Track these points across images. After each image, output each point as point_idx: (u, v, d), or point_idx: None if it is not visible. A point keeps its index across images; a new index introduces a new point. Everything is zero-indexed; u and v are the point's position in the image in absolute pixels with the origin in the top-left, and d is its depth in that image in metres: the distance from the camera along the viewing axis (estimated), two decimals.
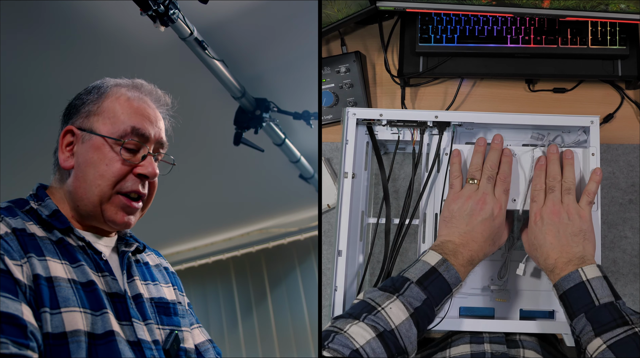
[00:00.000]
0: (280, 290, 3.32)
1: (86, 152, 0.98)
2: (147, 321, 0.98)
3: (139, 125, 0.99)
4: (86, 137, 0.99)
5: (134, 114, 1.00)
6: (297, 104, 2.20)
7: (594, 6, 1.29)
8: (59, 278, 0.89)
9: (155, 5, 1.48)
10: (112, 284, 0.96)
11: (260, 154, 2.27)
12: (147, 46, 1.85)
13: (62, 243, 0.94)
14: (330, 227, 1.39)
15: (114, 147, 0.97)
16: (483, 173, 1.16)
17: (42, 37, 1.77)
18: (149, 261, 1.12)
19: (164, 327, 1.02)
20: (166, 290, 1.09)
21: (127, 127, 0.98)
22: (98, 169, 0.97)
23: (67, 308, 0.87)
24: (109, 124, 0.98)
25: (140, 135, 0.99)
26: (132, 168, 0.98)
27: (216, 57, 1.83)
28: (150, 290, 1.05)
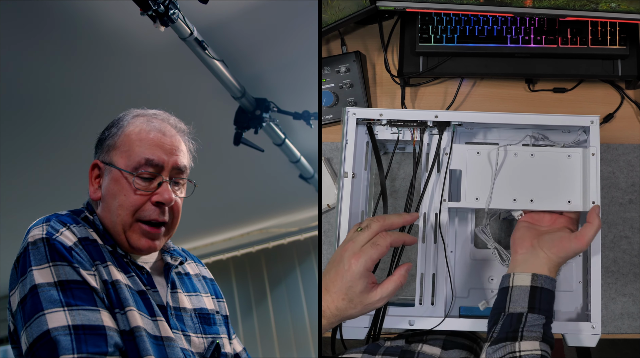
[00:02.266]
0: (280, 290, 3.32)
1: (108, 185, 1.04)
2: (185, 333, 1.03)
3: (152, 156, 1.03)
4: (108, 170, 1.05)
5: (147, 146, 1.04)
6: (297, 104, 2.20)
7: (583, 5, 1.29)
8: (120, 282, 0.96)
9: (155, 5, 1.48)
10: (154, 296, 1.02)
11: (260, 154, 2.28)
12: (147, 46, 1.85)
13: (115, 255, 1.01)
14: (330, 227, 1.39)
15: (130, 179, 1.02)
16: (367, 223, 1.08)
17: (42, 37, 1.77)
18: (190, 271, 1.17)
19: (206, 336, 1.08)
20: (206, 300, 1.14)
21: (140, 158, 1.03)
22: (118, 200, 1.02)
23: (128, 308, 0.94)
24: (125, 157, 1.04)
25: (154, 165, 1.03)
26: (149, 197, 1.03)
27: (216, 57, 1.83)
28: (192, 302, 1.10)
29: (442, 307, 1.22)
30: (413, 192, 1.24)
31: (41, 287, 0.89)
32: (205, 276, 1.21)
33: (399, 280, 1.06)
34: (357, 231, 1.07)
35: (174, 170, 1.06)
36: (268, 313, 3.30)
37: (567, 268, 1.25)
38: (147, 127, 1.06)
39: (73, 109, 2.14)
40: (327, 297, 1.05)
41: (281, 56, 2.01)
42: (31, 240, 0.93)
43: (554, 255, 1.10)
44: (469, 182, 1.22)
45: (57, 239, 0.93)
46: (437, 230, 1.24)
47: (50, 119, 2.19)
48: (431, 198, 1.25)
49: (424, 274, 1.24)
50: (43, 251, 0.92)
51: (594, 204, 1.16)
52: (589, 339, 1.16)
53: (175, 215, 1.07)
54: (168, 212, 1.05)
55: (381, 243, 1.05)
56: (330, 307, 1.05)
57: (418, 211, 1.24)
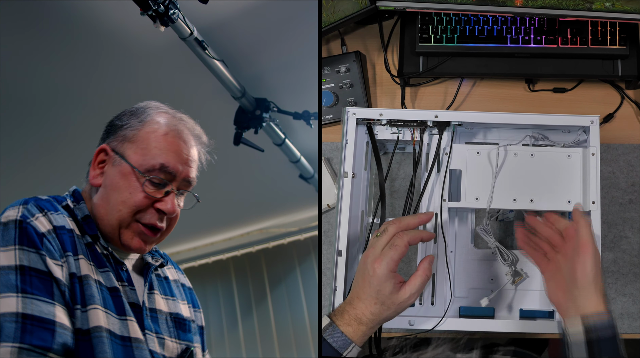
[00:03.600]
0: (280, 290, 3.32)
1: (114, 176, 1.00)
2: (159, 335, 1.00)
3: (168, 163, 1.01)
4: (117, 161, 1.01)
5: (166, 151, 1.01)
6: (297, 104, 2.20)
7: (577, 4, 1.29)
8: (89, 277, 0.92)
9: (155, 5, 1.48)
10: (130, 294, 0.99)
11: (260, 154, 2.27)
12: (147, 46, 1.85)
13: (91, 247, 0.97)
14: (330, 227, 1.39)
15: (139, 178, 0.99)
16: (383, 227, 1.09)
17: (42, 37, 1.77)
18: (169, 276, 1.14)
19: (180, 342, 1.05)
20: (182, 307, 1.12)
21: (156, 162, 1.00)
22: (121, 195, 0.99)
23: (91, 306, 0.90)
24: (140, 155, 1.00)
25: (168, 172, 1.01)
26: (153, 201, 1.00)
27: (216, 57, 1.83)
28: (169, 305, 1.08)
29: (442, 307, 1.22)
30: (413, 192, 1.24)
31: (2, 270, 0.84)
32: (184, 284, 1.19)
33: (425, 274, 1.08)
34: (376, 237, 1.08)
35: (183, 182, 1.04)
36: (268, 313, 3.30)
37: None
38: (170, 130, 1.03)
39: (73, 108, 2.14)
40: (360, 304, 1.05)
41: (281, 56, 2.01)
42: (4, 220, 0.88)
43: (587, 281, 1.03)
44: (469, 182, 1.22)
45: (31, 223, 0.88)
46: (437, 230, 1.24)
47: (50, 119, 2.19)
48: (431, 198, 1.25)
49: None
50: (13, 233, 0.87)
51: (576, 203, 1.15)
52: None
53: (171, 224, 1.05)
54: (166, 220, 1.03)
55: (399, 243, 1.06)
56: (366, 313, 1.05)
57: (418, 211, 1.24)
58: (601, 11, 1.29)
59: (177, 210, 1.03)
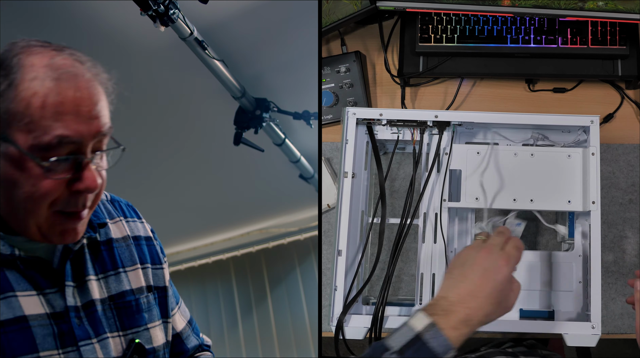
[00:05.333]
0: (280, 290, 3.32)
1: (5, 167, 0.75)
2: (100, 336, 0.84)
3: (67, 131, 0.74)
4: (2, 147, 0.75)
5: (57, 114, 0.74)
6: (297, 104, 2.20)
7: (569, 4, 1.28)
8: None
9: (155, 5, 1.48)
10: (54, 302, 0.81)
11: (260, 154, 2.27)
12: (147, 46, 1.85)
13: None
14: (330, 227, 1.39)
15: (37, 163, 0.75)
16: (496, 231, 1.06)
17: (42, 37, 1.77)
18: (114, 234, 0.92)
19: (126, 333, 0.88)
20: (131, 276, 0.91)
21: (51, 137, 0.74)
22: (22, 189, 0.75)
23: None
24: (26, 133, 0.74)
25: (71, 142, 0.75)
26: (66, 182, 0.77)
27: (216, 57, 1.83)
28: (109, 286, 0.88)
29: None
30: (413, 192, 1.24)
31: None
32: (138, 236, 0.95)
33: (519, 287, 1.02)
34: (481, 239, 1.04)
35: (97, 141, 0.78)
36: (268, 313, 3.30)
37: (567, 268, 1.25)
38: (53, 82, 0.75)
39: None
40: (473, 303, 0.95)
41: (281, 56, 2.01)
42: None
43: None
44: (469, 182, 1.22)
45: None
46: (437, 230, 1.24)
47: None
48: (431, 198, 1.25)
49: (424, 274, 1.24)
50: None
51: None
52: (589, 339, 1.16)
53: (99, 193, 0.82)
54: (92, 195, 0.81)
55: (520, 246, 1.02)
56: (479, 314, 0.95)
57: (418, 211, 1.24)
58: (599, 11, 1.29)
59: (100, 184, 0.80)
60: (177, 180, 2.62)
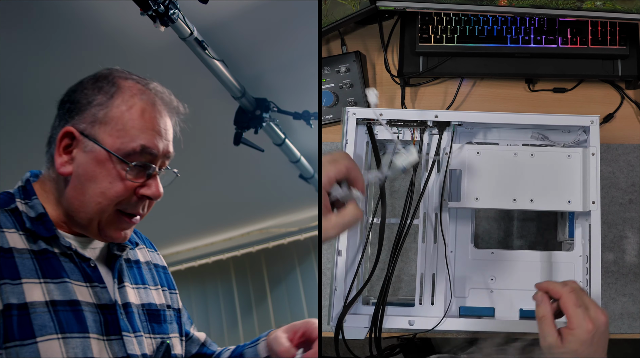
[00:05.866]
0: (280, 290, 3.32)
1: (88, 164, 0.89)
2: (136, 333, 0.93)
3: (149, 143, 0.90)
4: (89, 146, 0.89)
5: (145, 129, 0.90)
6: (297, 104, 2.20)
7: (566, 3, 1.29)
8: (36, 304, 0.82)
9: (155, 5, 1.48)
10: (101, 295, 0.90)
11: (260, 154, 2.27)
12: (147, 46, 1.85)
13: (45, 255, 0.87)
14: None
15: (118, 164, 0.88)
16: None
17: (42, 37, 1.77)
18: (140, 257, 1.05)
19: (155, 336, 0.97)
20: (154, 294, 1.03)
21: (136, 145, 0.89)
22: (100, 186, 0.88)
23: (43, 338, 0.81)
24: (116, 138, 0.89)
25: (149, 154, 0.90)
26: (135, 187, 0.90)
27: (216, 57, 1.83)
28: (140, 295, 0.99)
29: (442, 307, 1.22)
30: (413, 192, 1.24)
31: None
32: (157, 264, 1.08)
33: None
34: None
35: (164, 159, 0.94)
36: (268, 313, 3.30)
37: (567, 268, 1.25)
38: (146, 105, 0.91)
39: None
40: None
41: (281, 56, 2.01)
42: None
43: None
44: (469, 182, 1.22)
45: None
46: (437, 230, 1.24)
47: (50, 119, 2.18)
48: (431, 198, 1.25)
49: (423, 274, 1.24)
50: None
51: None
52: None
53: (152, 204, 0.95)
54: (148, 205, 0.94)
55: None
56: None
57: (418, 211, 1.24)
58: (597, 10, 1.29)
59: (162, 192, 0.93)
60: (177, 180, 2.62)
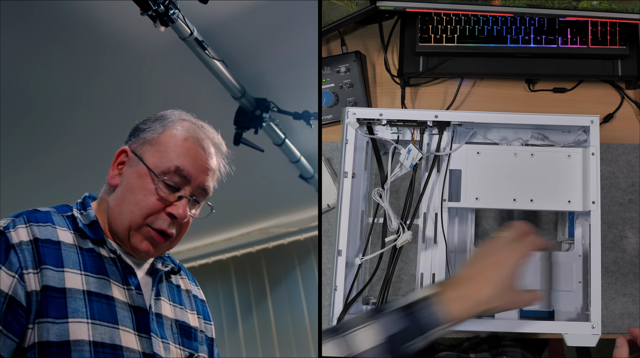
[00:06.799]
0: (280, 290, 3.32)
1: (130, 177, 1.01)
2: (164, 340, 1.01)
3: (183, 166, 1.01)
4: (135, 162, 1.02)
5: (183, 155, 1.01)
6: (297, 104, 2.20)
7: (562, 3, 1.28)
8: (73, 290, 0.92)
9: (155, 5, 1.48)
10: (136, 298, 0.99)
11: (260, 154, 2.28)
12: (147, 46, 1.85)
13: (91, 253, 0.98)
14: (330, 227, 1.39)
15: (155, 180, 1.00)
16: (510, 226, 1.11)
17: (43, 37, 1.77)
18: (181, 285, 1.14)
19: (184, 349, 1.05)
20: (190, 316, 1.11)
21: (171, 165, 1.00)
22: (135, 196, 1.00)
23: (74, 319, 0.90)
24: (157, 157, 1.01)
25: (182, 176, 1.01)
26: (165, 205, 1.00)
27: (216, 57, 1.83)
28: (176, 312, 1.08)
29: None
30: (413, 192, 1.24)
31: None
32: (196, 296, 1.18)
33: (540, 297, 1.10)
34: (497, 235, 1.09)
35: (198, 189, 1.04)
36: (268, 313, 3.30)
37: (567, 268, 1.25)
38: (190, 136, 1.04)
39: (73, 108, 2.14)
40: (478, 283, 1.02)
41: (281, 56, 2.01)
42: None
43: None
44: (469, 182, 1.22)
45: (7, 234, 0.90)
46: (437, 230, 1.24)
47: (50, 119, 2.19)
48: (431, 198, 1.25)
49: (423, 274, 1.24)
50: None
51: None
52: (589, 339, 1.16)
53: (182, 231, 1.05)
54: (177, 226, 1.03)
55: (534, 243, 1.07)
56: (481, 294, 1.02)
57: (418, 211, 1.24)
58: (594, 10, 1.29)
59: (188, 216, 1.03)
60: None
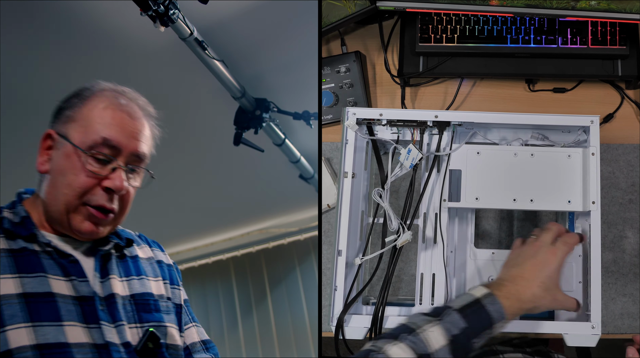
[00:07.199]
0: (280, 290, 3.32)
1: (58, 159, 0.97)
2: (117, 323, 0.96)
3: (111, 136, 0.96)
4: (61, 143, 0.97)
5: (109, 125, 0.97)
6: (297, 104, 2.20)
7: (560, 3, 1.28)
8: (6, 297, 0.88)
9: (155, 5, 1.48)
10: (79, 287, 0.95)
11: (260, 154, 2.27)
12: (147, 46, 1.85)
13: (24, 253, 0.93)
14: (330, 227, 1.39)
15: (82, 157, 0.95)
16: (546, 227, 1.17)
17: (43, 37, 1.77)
18: (140, 254, 1.09)
19: (143, 325, 1.00)
20: (154, 284, 1.06)
21: (97, 137, 0.96)
22: (66, 178, 0.95)
23: (12, 326, 0.87)
24: (81, 133, 0.97)
25: (111, 147, 0.96)
26: (99, 180, 0.96)
27: (216, 57, 1.83)
28: (132, 286, 1.02)
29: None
30: (413, 192, 1.24)
31: None
32: (161, 261, 1.12)
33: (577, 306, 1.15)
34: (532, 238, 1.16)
35: (132, 157, 0.99)
36: (268, 313, 3.30)
37: (567, 268, 1.25)
38: (112, 104, 0.99)
39: None
40: (523, 282, 1.09)
41: (281, 56, 2.01)
42: None
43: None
44: (469, 182, 1.22)
45: None
46: (437, 230, 1.24)
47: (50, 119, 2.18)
48: (431, 198, 1.25)
49: (423, 274, 1.24)
50: None
51: None
52: (589, 339, 1.16)
53: (124, 204, 1.00)
54: (117, 200, 0.98)
55: (570, 241, 1.14)
56: (527, 293, 1.08)
57: (418, 211, 1.24)
58: (592, 10, 1.29)
59: (126, 187, 0.98)
60: (177, 181, 2.62)
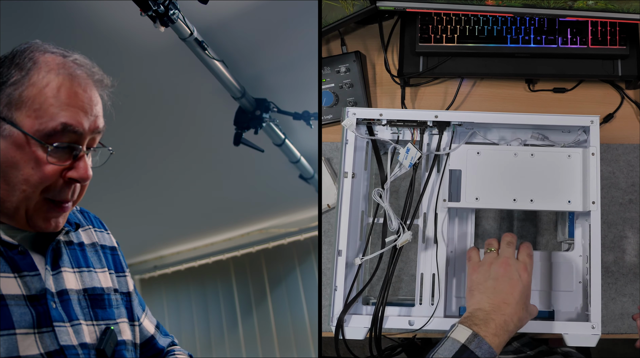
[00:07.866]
0: (280, 290, 3.32)
1: (7, 149, 0.81)
2: (73, 322, 0.87)
3: (71, 120, 0.82)
4: (6, 129, 0.81)
5: (65, 105, 0.82)
6: (297, 104, 2.20)
7: (558, 3, 1.28)
8: None
9: (155, 5, 1.48)
10: (31, 284, 0.84)
11: (260, 154, 2.27)
12: (147, 46, 1.85)
13: None
14: (330, 227, 1.39)
15: (39, 148, 0.81)
16: (502, 240, 1.13)
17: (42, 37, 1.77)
18: (85, 239, 0.97)
19: (99, 323, 0.91)
20: (101, 277, 0.96)
21: (56, 124, 0.81)
22: (22, 172, 0.81)
23: None
24: (34, 118, 0.81)
25: (73, 132, 0.83)
26: (62, 170, 0.83)
27: (216, 57, 1.83)
28: (83, 280, 0.92)
29: (442, 307, 1.22)
30: (413, 192, 1.24)
31: None
32: (104, 245, 1.01)
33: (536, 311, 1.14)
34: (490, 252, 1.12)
35: (92, 136, 0.86)
36: (268, 313, 3.30)
37: (567, 268, 1.25)
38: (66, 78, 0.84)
39: None
40: (508, 309, 1.04)
41: (281, 56, 2.00)
42: None
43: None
44: (469, 182, 1.22)
45: None
46: (437, 230, 1.24)
47: None
48: (431, 198, 1.25)
49: (423, 274, 1.24)
50: None
51: None
52: (589, 339, 1.16)
53: (83, 188, 0.88)
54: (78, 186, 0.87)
55: (531, 252, 1.12)
56: (514, 319, 1.04)
57: (418, 211, 1.24)
58: (589, 10, 1.29)
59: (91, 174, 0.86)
60: (177, 181, 2.62)
